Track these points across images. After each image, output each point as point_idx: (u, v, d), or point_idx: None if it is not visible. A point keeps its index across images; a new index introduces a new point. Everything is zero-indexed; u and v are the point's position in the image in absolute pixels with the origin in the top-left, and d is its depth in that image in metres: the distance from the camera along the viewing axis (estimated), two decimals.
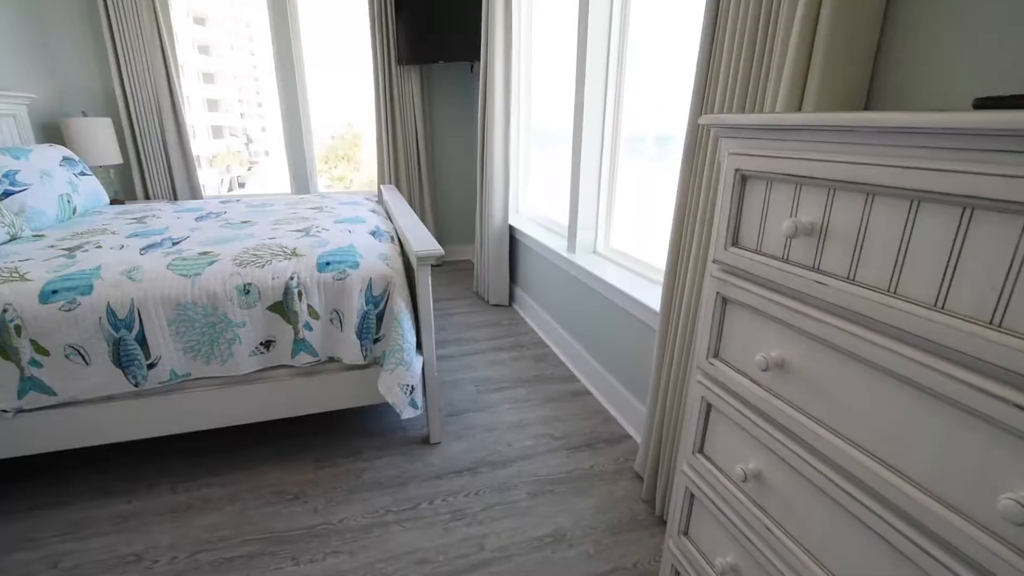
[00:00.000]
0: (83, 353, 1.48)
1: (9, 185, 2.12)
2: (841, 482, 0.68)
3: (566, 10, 2.47)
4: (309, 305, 1.62)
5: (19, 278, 1.49)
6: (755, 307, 0.81)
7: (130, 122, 3.26)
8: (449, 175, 4.10)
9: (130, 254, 1.70)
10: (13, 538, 1.47)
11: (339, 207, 2.56)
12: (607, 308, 2.04)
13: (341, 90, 4.16)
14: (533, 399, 2.16)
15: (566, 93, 2.44)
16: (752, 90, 1.08)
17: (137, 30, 3.11)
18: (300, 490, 1.65)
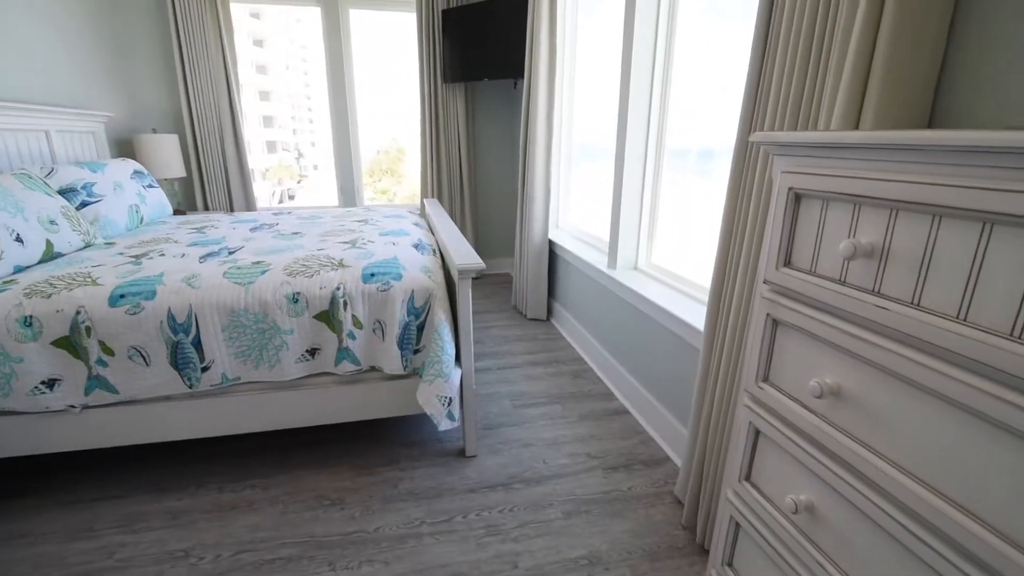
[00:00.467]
0: (144, 354, 1.57)
1: (87, 196, 2.29)
2: (905, 521, 0.64)
3: (611, 26, 2.48)
4: (353, 315, 1.67)
5: (91, 283, 1.60)
6: (809, 330, 0.78)
7: (194, 138, 3.47)
8: (490, 189, 4.16)
9: (190, 262, 1.80)
10: (76, 527, 1.56)
11: (384, 220, 2.63)
12: (648, 326, 2.00)
13: (387, 107, 4.32)
14: (570, 416, 2.13)
15: (609, 108, 2.44)
16: (805, 108, 1.05)
17: (204, 54, 3.32)
18: (338, 496, 1.68)
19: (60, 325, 1.50)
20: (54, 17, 2.70)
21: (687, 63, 1.96)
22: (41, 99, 2.54)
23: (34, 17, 2.55)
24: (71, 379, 1.55)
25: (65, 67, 2.76)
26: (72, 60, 2.83)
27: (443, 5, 3.57)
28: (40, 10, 2.59)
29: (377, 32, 3.35)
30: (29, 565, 1.42)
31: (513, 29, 3.18)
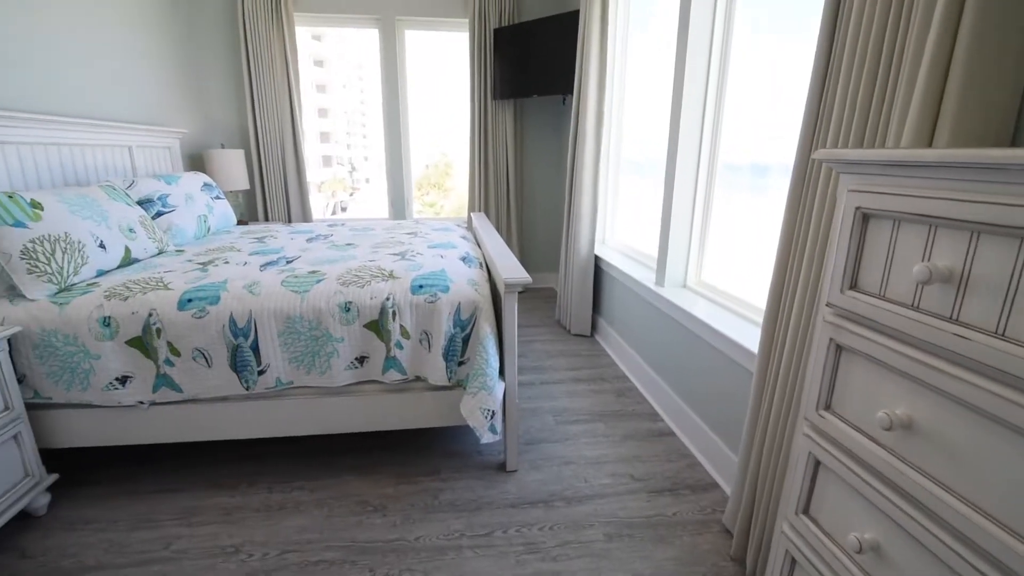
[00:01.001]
0: (207, 356, 1.66)
1: (161, 207, 2.46)
2: (981, 566, 0.59)
3: (663, 41, 2.46)
4: (401, 325, 1.70)
5: (163, 287, 1.71)
6: (877, 358, 0.73)
7: (258, 153, 3.68)
8: (535, 204, 4.19)
9: (251, 270, 1.90)
10: (137, 517, 1.65)
11: (432, 233, 2.69)
12: (697, 346, 1.95)
13: (437, 123, 4.45)
14: (613, 435, 2.09)
15: (659, 123, 2.42)
16: (872, 124, 1.00)
17: (270, 74, 3.53)
18: (381, 503, 1.71)
19: (134, 326, 1.61)
20: (139, 44, 2.94)
21: (742, 77, 1.92)
22: (126, 117, 2.77)
23: (122, 45, 2.79)
24: (141, 377, 1.66)
25: (148, 88, 3.00)
26: (154, 82, 3.07)
27: (495, 24, 3.66)
28: (127, 39, 2.83)
29: (430, 51, 3.47)
30: (98, 550, 1.51)
31: (563, 47, 3.22)
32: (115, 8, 2.72)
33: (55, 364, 1.60)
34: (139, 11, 2.93)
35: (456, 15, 3.76)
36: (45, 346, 1.58)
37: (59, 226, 1.74)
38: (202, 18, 3.53)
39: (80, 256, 1.76)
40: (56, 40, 2.29)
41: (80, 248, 1.77)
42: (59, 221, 1.75)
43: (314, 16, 3.69)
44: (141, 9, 2.95)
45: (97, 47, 2.56)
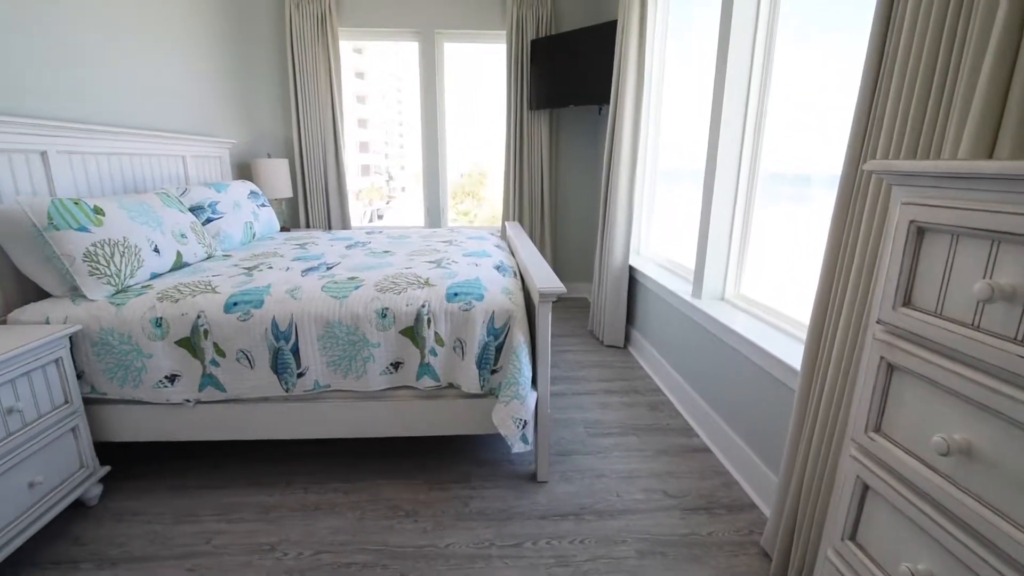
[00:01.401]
0: (250, 358, 1.72)
1: (211, 213, 2.57)
2: None
3: (702, 51, 2.43)
4: (436, 332, 1.73)
5: (211, 290, 1.78)
6: (932, 378, 0.70)
7: (301, 163, 3.81)
8: (569, 213, 4.18)
9: (293, 275, 1.96)
10: (181, 511, 1.71)
11: (467, 241, 2.72)
12: (735, 361, 1.89)
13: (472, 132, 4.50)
14: (646, 449, 2.05)
15: (698, 132, 2.38)
16: (927, 134, 0.96)
17: (315, 87, 3.67)
18: (412, 508, 1.72)
19: (183, 327, 1.68)
20: (195, 61, 3.11)
21: (784, 85, 1.88)
22: (181, 129, 2.92)
23: (180, 62, 2.95)
24: (188, 376, 1.73)
25: (201, 102, 3.16)
26: (207, 96, 3.23)
27: (532, 35, 3.69)
28: (185, 57, 2.99)
29: (467, 62, 3.54)
30: (143, 541, 1.58)
31: (600, 57, 3.22)
32: (174, 28, 2.88)
33: (111, 361, 1.69)
34: (196, 30, 3.10)
35: (494, 27, 3.82)
36: (102, 344, 1.67)
37: (118, 231, 1.84)
38: (254, 35, 3.70)
39: (136, 259, 1.86)
40: (120, 59, 2.44)
41: (136, 252, 1.87)
42: (119, 226, 1.85)
43: (357, 31, 3.81)
44: (198, 28, 3.12)
45: (157, 65, 2.72)
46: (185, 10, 2.98)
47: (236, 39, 3.57)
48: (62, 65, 2.08)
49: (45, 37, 2.00)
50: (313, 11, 3.57)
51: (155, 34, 2.71)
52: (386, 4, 3.75)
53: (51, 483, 1.53)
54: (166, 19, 2.80)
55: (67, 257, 1.68)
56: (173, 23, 2.87)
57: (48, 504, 1.51)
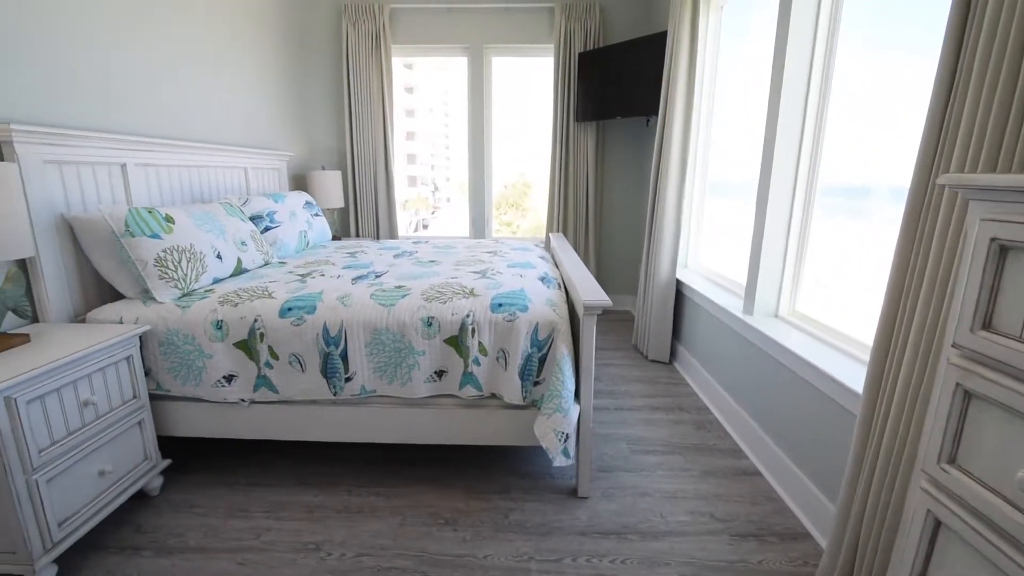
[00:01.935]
0: (301, 361, 1.78)
1: (269, 222, 2.70)
2: None
3: (756, 61, 2.37)
4: (480, 342, 1.74)
5: (267, 296, 1.87)
6: (1016, 408, 0.64)
7: (353, 174, 3.96)
8: (614, 225, 4.14)
9: (344, 283, 2.02)
10: (233, 507, 1.79)
11: (511, 252, 2.73)
12: (789, 381, 1.81)
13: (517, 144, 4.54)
14: (692, 470, 1.98)
15: (752, 143, 2.31)
16: (1007, 146, 0.90)
17: (367, 102, 3.81)
18: (452, 516, 1.73)
19: (241, 330, 1.77)
20: (257, 78, 3.29)
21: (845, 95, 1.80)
22: (243, 142, 3.09)
23: (243, 80, 3.13)
24: (244, 376, 1.81)
25: (262, 117, 3.34)
26: (268, 111, 3.41)
27: (580, 48, 3.71)
28: (247, 73, 3.18)
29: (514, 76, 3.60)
30: (198, 533, 1.65)
31: (649, 68, 3.19)
32: (239, 47, 3.06)
33: (175, 360, 1.79)
34: (260, 49, 3.29)
35: (542, 41, 3.86)
36: (168, 344, 1.78)
37: (186, 238, 1.96)
38: (313, 53, 3.89)
39: (201, 265, 1.97)
40: (190, 78, 2.62)
41: (201, 258, 1.98)
42: (186, 233, 1.97)
43: (409, 47, 3.94)
44: (262, 48, 3.31)
45: (223, 83, 2.90)
46: (250, 31, 3.17)
47: (296, 57, 3.77)
48: (142, 84, 2.25)
49: (129, 59, 2.18)
50: (368, 29, 3.72)
51: (222, 54, 2.89)
52: (437, 21, 3.86)
53: (119, 473, 1.63)
54: (233, 40, 2.99)
55: (140, 262, 1.80)
56: (239, 43, 3.05)
57: (115, 492, 1.61)
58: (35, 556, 1.35)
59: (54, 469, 1.39)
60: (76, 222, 1.80)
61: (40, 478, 1.35)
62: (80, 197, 1.88)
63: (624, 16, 3.78)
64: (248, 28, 3.14)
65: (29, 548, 1.33)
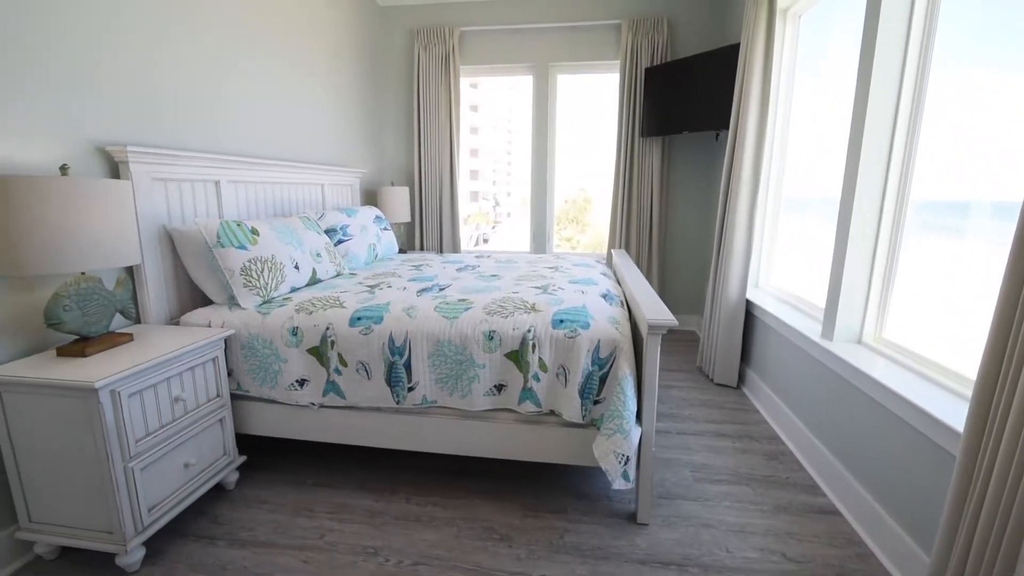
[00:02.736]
0: (368, 369, 1.85)
1: (342, 235, 2.85)
2: None
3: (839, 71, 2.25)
4: (540, 358, 1.73)
5: (339, 305, 1.96)
6: None
7: (420, 190, 4.11)
8: (679, 242, 4.02)
9: (409, 295, 2.09)
10: (300, 505, 1.87)
11: (573, 268, 2.72)
12: (875, 414, 1.66)
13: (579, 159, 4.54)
14: (762, 504, 1.86)
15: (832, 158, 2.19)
16: None
17: (435, 121, 3.96)
18: (507, 532, 1.72)
19: (314, 337, 1.86)
20: (335, 101, 3.51)
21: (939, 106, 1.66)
22: (321, 160, 3.29)
23: (323, 103, 3.35)
24: (315, 381, 1.90)
25: (338, 137, 3.55)
26: (344, 131, 3.62)
27: (647, 63, 3.67)
28: (325, 96, 3.39)
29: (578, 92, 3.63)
30: (268, 528, 1.74)
31: (719, 82, 3.10)
32: (320, 72, 3.28)
33: (254, 363, 1.91)
34: (338, 74, 3.51)
35: (608, 57, 3.86)
36: (249, 347, 1.90)
37: (268, 249, 2.10)
38: (386, 75, 4.11)
39: (280, 274, 2.11)
40: (274, 101, 2.83)
41: (281, 268, 2.12)
42: (269, 245, 2.12)
43: (477, 68, 4.06)
44: (340, 72, 3.53)
45: (304, 105, 3.11)
46: (331, 58, 3.39)
47: (371, 80, 3.99)
48: (234, 109, 2.46)
49: (224, 88, 2.39)
50: (439, 51, 3.88)
51: (305, 80, 3.10)
52: (505, 42, 3.96)
53: (201, 466, 1.75)
54: (314, 66, 3.21)
55: (228, 270, 1.95)
56: (320, 69, 3.27)
57: (197, 484, 1.72)
58: (128, 537, 1.47)
59: (147, 458, 1.52)
60: (175, 233, 1.98)
61: (135, 466, 1.48)
62: (180, 210, 2.06)
63: (693, 30, 3.71)
64: (328, 55, 3.36)
65: (123, 529, 1.46)
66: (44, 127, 1.59)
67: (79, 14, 1.69)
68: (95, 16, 1.75)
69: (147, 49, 1.95)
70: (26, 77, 1.54)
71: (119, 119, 1.84)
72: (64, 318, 1.49)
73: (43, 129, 1.59)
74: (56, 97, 1.62)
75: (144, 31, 1.94)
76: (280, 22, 2.80)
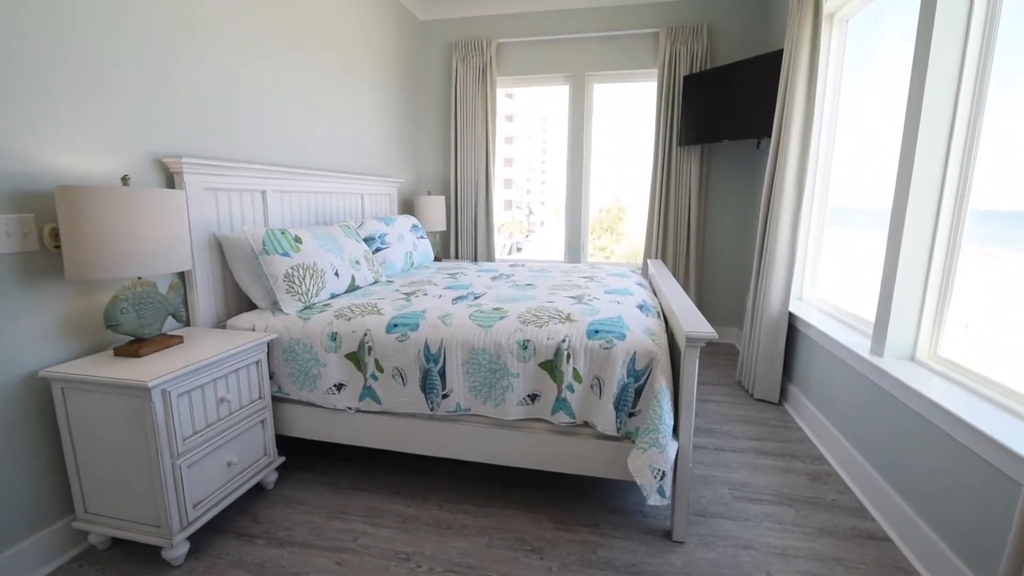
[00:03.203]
0: (403, 375, 1.87)
1: (380, 244, 2.91)
2: None
3: (891, 76, 2.16)
4: (574, 368, 1.72)
5: (376, 312, 2.00)
6: None
7: (456, 199, 4.16)
8: (717, 253, 3.93)
9: (445, 303, 2.11)
10: (335, 508, 1.90)
11: (608, 278, 2.69)
12: (930, 436, 1.57)
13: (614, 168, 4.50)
14: (805, 526, 1.78)
15: (884, 166, 2.10)
16: None
17: (472, 132, 4.01)
18: (538, 545, 1.70)
19: (352, 342, 1.90)
20: (375, 112, 3.60)
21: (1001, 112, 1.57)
22: (361, 170, 3.38)
23: (361, 115, 3.44)
24: (352, 386, 1.94)
25: (377, 147, 3.64)
26: (383, 142, 3.72)
27: (685, 71, 3.62)
28: (365, 108, 3.49)
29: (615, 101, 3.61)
30: (304, 529, 1.78)
31: (761, 89, 3.03)
32: (359, 88, 3.38)
33: (295, 367, 1.97)
34: (378, 86, 3.61)
35: (645, 66, 3.83)
36: (290, 351, 1.96)
37: (310, 256, 2.17)
38: (424, 87, 4.20)
39: (321, 281, 2.17)
40: (316, 115, 2.93)
41: (321, 275, 2.18)
42: (311, 252, 2.18)
43: (513, 78, 4.10)
44: (378, 86, 3.63)
45: (345, 118, 3.21)
46: (371, 73, 3.50)
47: (410, 92, 4.08)
48: (280, 122, 2.57)
49: (269, 103, 2.49)
50: (476, 63, 3.94)
51: (346, 93, 3.20)
52: (541, 53, 3.99)
53: (243, 465, 1.81)
54: (356, 81, 3.31)
55: (272, 277, 2.02)
56: (361, 84, 3.37)
57: (239, 483, 1.78)
58: (174, 531, 1.53)
59: (193, 456, 1.58)
60: (224, 240, 2.07)
61: (182, 463, 1.54)
62: (228, 218, 2.16)
63: (733, 37, 3.65)
64: (370, 69, 3.46)
65: (170, 524, 1.52)
66: (109, 141, 1.70)
67: (143, 44, 1.80)
68: (159, 43, 1.86)
69: (202, 69, 2.06)
70: (96, 98, 1.65)
71: (175, 132, 1.94)
72: (121, 320, 1.57)
73: (108, 143, 1.69)
74: (121, 114, 1.73)
75: (200, 54, 2.05)
76: (325, 40, 2.91)
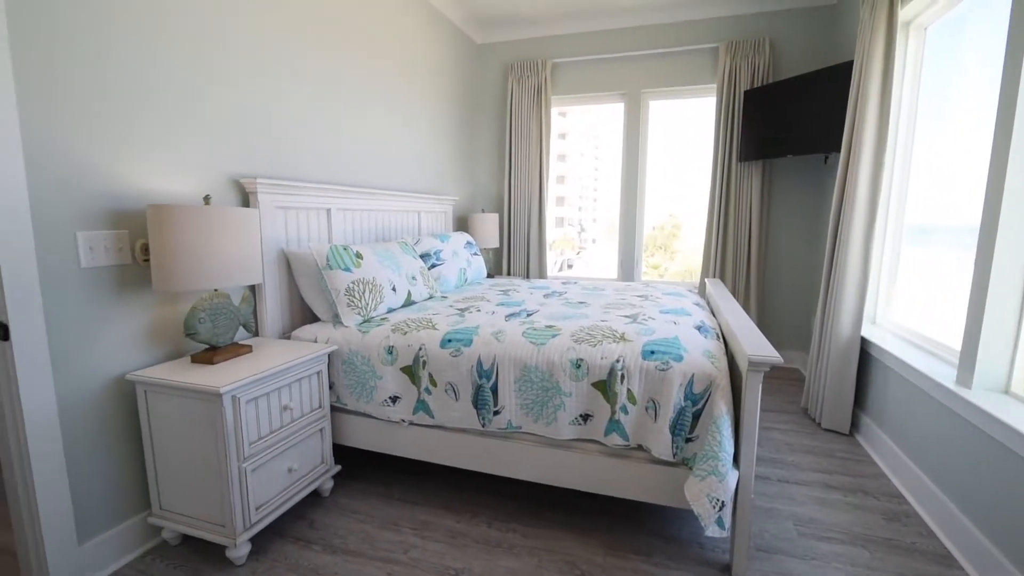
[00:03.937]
0: (456, 390, 1.90)
1: (435, 260, 2.99)
2: None
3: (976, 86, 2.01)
4: (629, 389, 1.68)
5: (431, 327, 2.04)
6: None
7: (509, 217, 4.21)
8: (779, 273, 3.75)
9: (498, 319, 2.13)
10: (386, 519, 1.93)
11: (663, 297, 2.62)
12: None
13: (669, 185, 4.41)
14: (882, 570, 1.64)
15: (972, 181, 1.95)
16: None
17: (526, 150, 4.07)
18: (589, 569, 1.65)
19: (408, 356, 1.95)
20: (432, 133, 3.73)
21: None
22: (418, 189, 3.50)
23: (420, 136, 3.57)
24: (406, 399, 1.98)
25: (434, 166, 3.76)
26: (440, 161, 3.83)
27: (746, 86, 3.53)
28: (424, 131, 3.62)
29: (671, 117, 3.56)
30: (357, 538, 1.82)
31: (828, 102, 2.90)
32: (418, 109, 3.52)
33: (353, 378, 2.03)
34: (434, 109, 3.74)
35: (703, 82, 3.76)
36: (349, 363, 2.03)
37: (370, 272, 2.25)
38: (480, 107, 4.31)
39: (379, 296, 2.24)
40: (377, 136, 3.06)
41: (380, 290, 2.25)
42: (371, 268, 2.27)
43: (567, 97, 4.14)
44: (436, 107, 3.76)
45: (404, 139, 3.34)
46: (431, 95, 3.63)
47: (466, 112, 4.20)
48: (345, 144, 2.71)
49: (334, 124, 2.63)
50: (531, 84, 4.00)
51: (405, 113, 3.34)
52: (596, 71, 4.01)
53: (302, 471, 1.88)
54: (415, 102, 3.44)
55: (334, 291, 2.11)
56: (419, 106, 3.50)
57: (298, 488, 1.85)
58: (237, 532, 1.60)
59: (258, 460, 1.66)
60: (291, 256, 2.19)
61: (248, 466, 1.62)
62: (296, 235, 2.28)
63: (797, 50, 3.52)
64: (429, 91, 3.60)
65: (234, 524, 1.59)
66: (194, 164, 1.85)
67: (224, 80, 1.96)
68: (238, 79, 2.02)
69: (275, 95, 2.21)
70: (184, 125, 1.81)
71: (250, 155, 2.09)
72: (199, 329, 1.69)
73: (193, 165, 1.84)
74: (203, 139, 1.88)
75: (273, 79, 2.20)
76: (387, 64, 3.05)
